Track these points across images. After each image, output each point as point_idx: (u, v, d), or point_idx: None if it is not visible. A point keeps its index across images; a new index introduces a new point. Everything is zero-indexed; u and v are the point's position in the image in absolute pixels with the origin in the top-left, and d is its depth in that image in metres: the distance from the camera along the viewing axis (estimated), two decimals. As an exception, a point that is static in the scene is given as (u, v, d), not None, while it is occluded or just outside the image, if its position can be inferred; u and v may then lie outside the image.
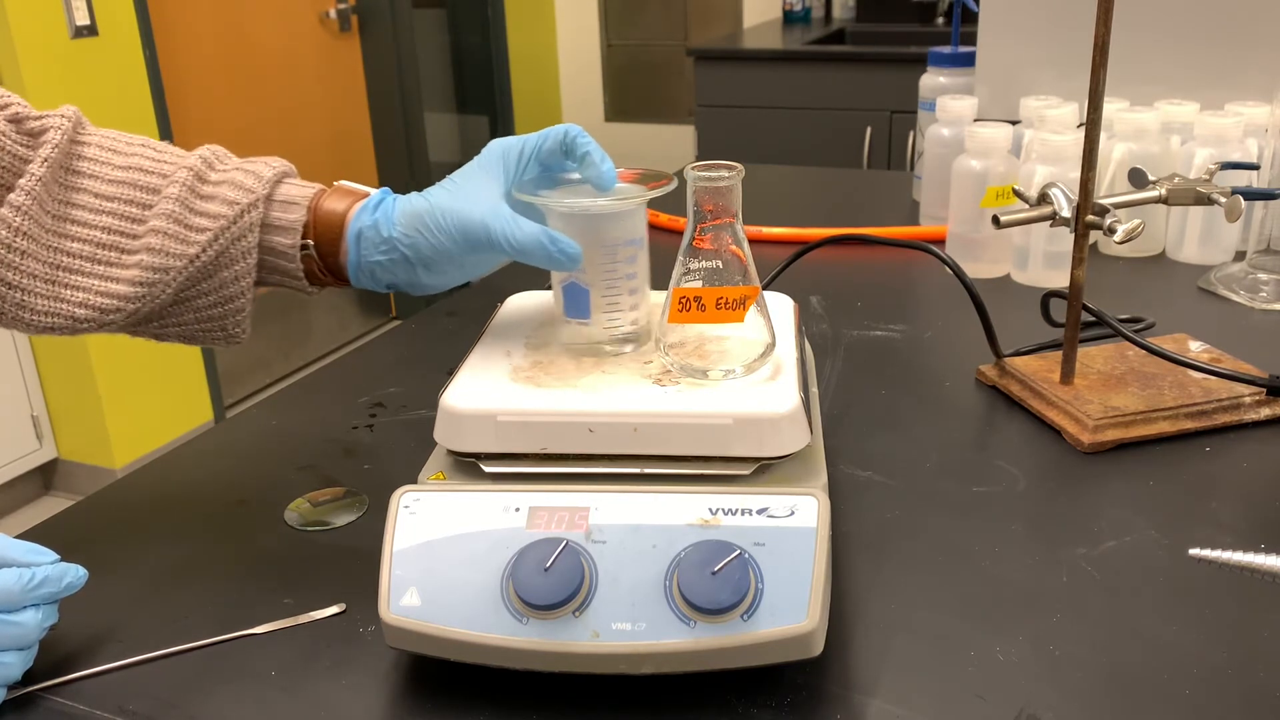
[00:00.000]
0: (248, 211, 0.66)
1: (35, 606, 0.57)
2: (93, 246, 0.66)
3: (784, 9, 3.69)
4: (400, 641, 0.55)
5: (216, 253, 0.66)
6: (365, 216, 0.67)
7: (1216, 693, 0.55)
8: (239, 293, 0.68)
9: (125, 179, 0.67)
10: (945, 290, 1.10)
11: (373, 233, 0.67)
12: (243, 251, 0.66)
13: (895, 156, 2.98)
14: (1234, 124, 1.12)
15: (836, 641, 0.59)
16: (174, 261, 0.65)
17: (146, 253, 0.65)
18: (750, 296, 0.62)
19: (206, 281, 0.67)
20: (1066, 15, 1.35)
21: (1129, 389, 0.83)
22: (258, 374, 3.21)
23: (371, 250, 0.67)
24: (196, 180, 0.67)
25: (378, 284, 0.69)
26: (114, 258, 0.66)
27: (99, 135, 0.69)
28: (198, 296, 0.68)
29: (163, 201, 0.66)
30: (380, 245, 0.67)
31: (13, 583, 0.56)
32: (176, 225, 0.65)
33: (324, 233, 0.68)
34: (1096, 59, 0.76)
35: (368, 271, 0.68)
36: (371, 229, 0.67)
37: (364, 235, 0.67)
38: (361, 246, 0.68)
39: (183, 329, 0.70)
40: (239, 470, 0.81)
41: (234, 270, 0.67)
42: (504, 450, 0.60)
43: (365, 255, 0.68)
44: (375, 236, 0.67)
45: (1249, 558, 0.51)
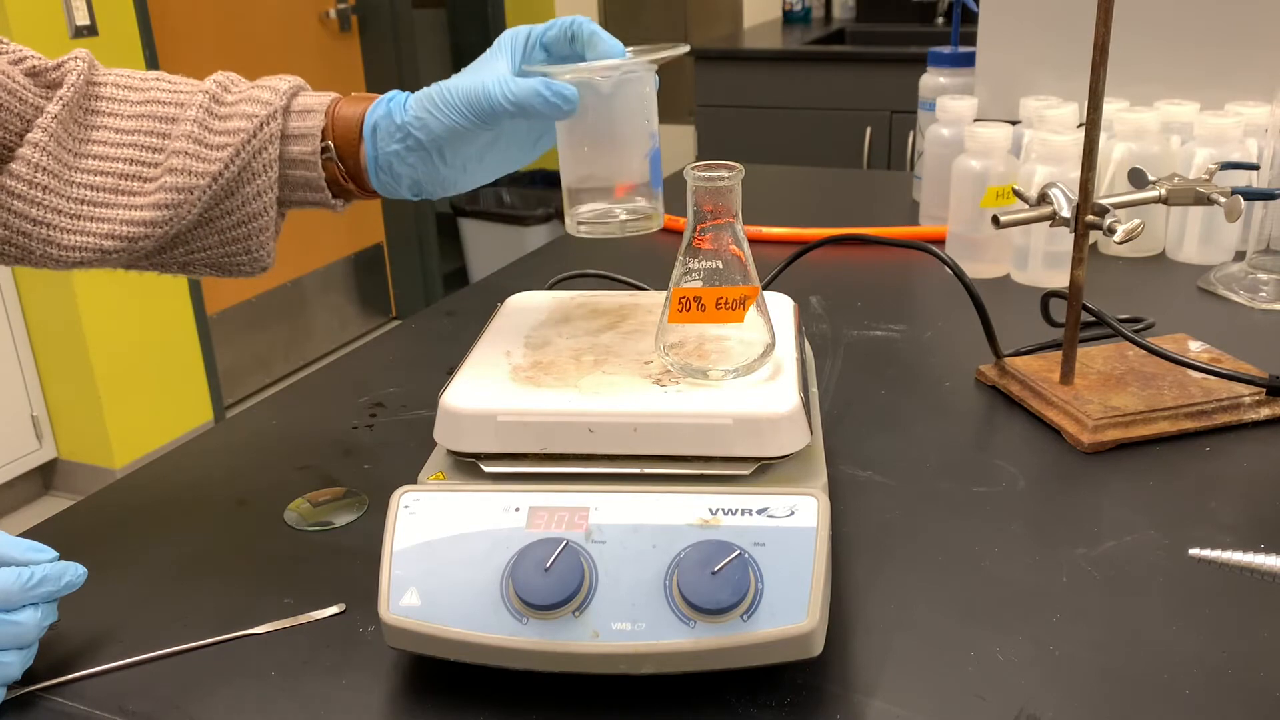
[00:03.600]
0: (266, 124, 0.66)
1: (34, 605, 0.56)
2: (115, 178, 0.67)
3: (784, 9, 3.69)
4: (400, 641, 0.55)
5: (239, 168, 0.66)
6: (379, 109, 0.68)
7: (1216, 693, 0.55)
8: (262, 209, 0.68)
9: (143, 112, 0.68)
10: (945, 290, 1.10)
11: (386, 122, 0.67)
12: (264, 164, 0.67)
13: (895, 156, 2.98)
14: (1234, 124, 1.12)
15: (836, 641, 0.59)
16: (197, 180, 0.66)
17: (169, 174, 0.66)
18: (750, 296, 0.62)
19: (229, 199, 0.67)
20: (1066, 15, 1.35)
21: (1129, 389, 0.83)
22: (258, 374, 3.21)
23: (387, 140, 0.67)
24: (213, 103, 0.67)
25: (398, 183, 0.68)
26: (137, 186, 0.67)
27: (114, 74, 0.70)
28: (221, 216, 0.68)
29: (181, 125, 0.67)
30: (395, 134, 0.67)
31: (11, 581, 0.55)
32: (197, 145, 0.66)
33: (342, 134, 0.68)
34: (1096, 59, 0.76)
35: (386, 166, 0.68)
36: (386, 118, 0.67)
37: (379, 127, 0.67)
38: (378, 139, 0.67)
39: (208, 254, 0.70)
40: (239, 470, 0.81)
41: (256, 185, 0.67)
42: (504, 450, 0.60)
43: (382, 147, 0.67)
44: (389, 125, 0.67)
45: (1249, 558, 0.51)
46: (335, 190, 0.70)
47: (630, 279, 1.03)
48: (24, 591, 0.56)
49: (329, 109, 0.68)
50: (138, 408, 2.67)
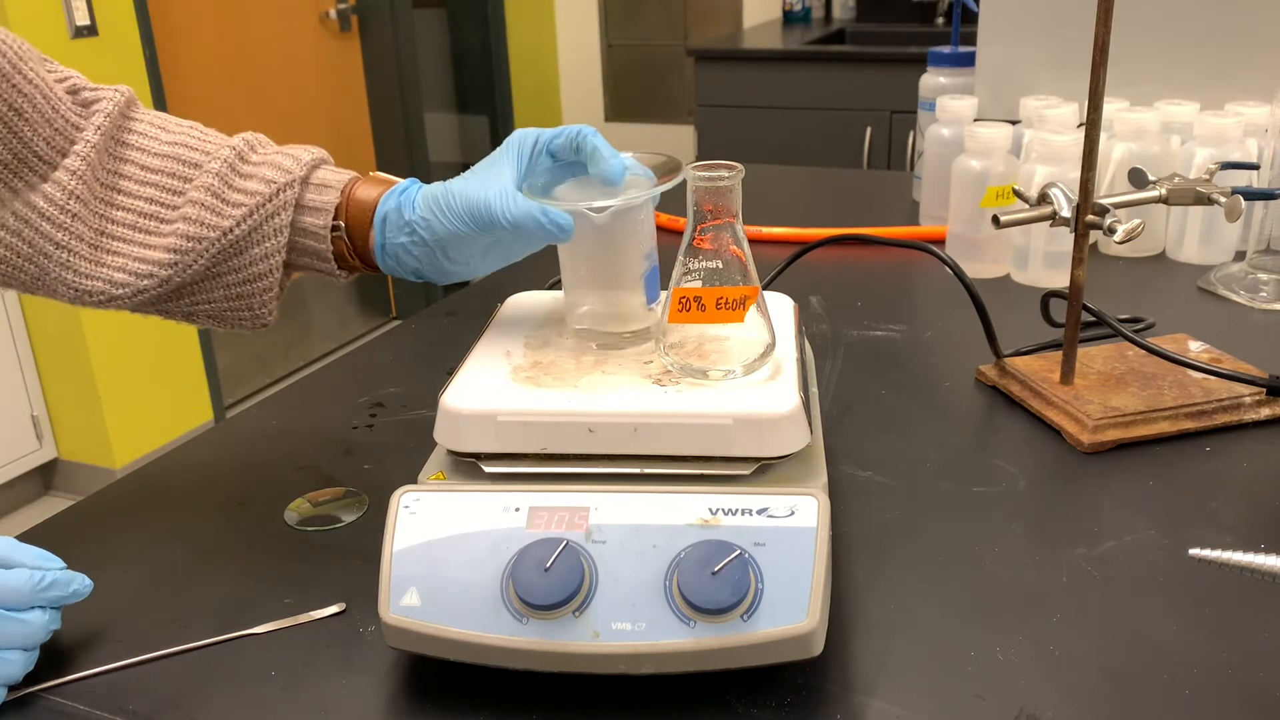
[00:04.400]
0: (283, 190, 0.69)
1: (42, 609, 0.57)
2: (135, 215, 0.69)
3: (784, 9, 3.69)
4: (400, 641, 0.55)
5: (250, 228, 0.68)
6: (391, 200, 0.70)
7: (1216, 693, 0.55)
8: (268, 270, 0.70)
9: (170, 153, 0.70)
10: (945, 290, 1.10)
11: (396, 215, 0.69)
12: (275, 229, 0.69)
13: (895, 156, 2.98)
14: (1234, 124, 1.12)
15: (836, 641, 0.59)
16: (208, 233, 0.68)
17: (183, 222, 0.68)
18: (750, 296, 0.62)
19: (237, 258, 0.69)
20: (1066, 15, 1.35)
21: (1129, 389, 0.83)
22: (258, 374, 3.21)
23: (396, 233, 0.69)
24: (238, 159, 0.70)
25: (404, 269, 0.71)
26: (153, 226, 0.69)
27: (149, 114, 0.73)
28: (228, 273, 0.70)
29: (203, 176, 0.69)
30: (403, 228, 0.69)
31: (23, 582, 0.56)
32: (214, 199, 0.68)
33: (355, 216, 0.70)
34: (1096, 59, 0.76)
35: (393, 254, 0.70)
36: (395, 212, 0.69)
37: (389, 218, 0.69)
38: (386, 229, 0.70)
39: (212, 307, 0.72)
40: (239, 470, 0.81)
41: (264, 247, 0.69)
42: (504, 450, 0.60)
43: (390, 238, 0.70)
44: (398, 219, 0.69)
45: (1249, 558, 0.51)
46: (341, 263, 0.72)
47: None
48: (34, 593, 0.56)
49: (345, 188, 0.71)
50: (138, 408, 2.67)
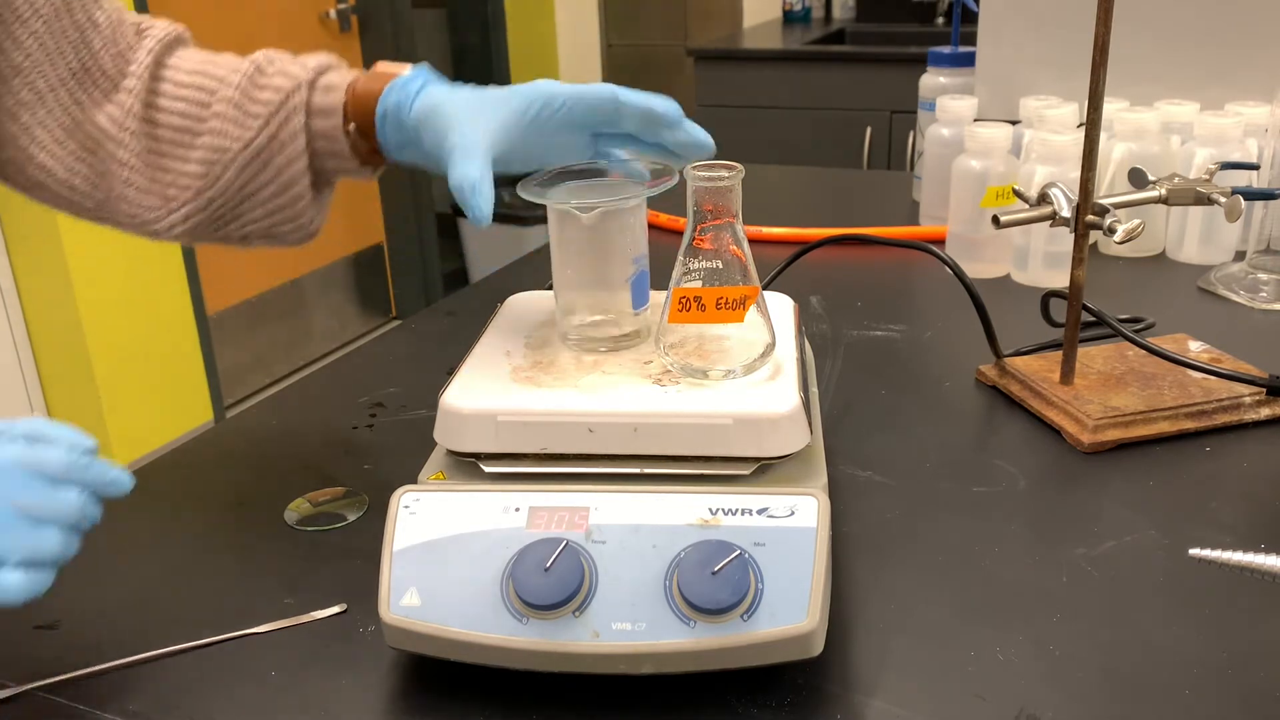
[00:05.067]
0: (291, 96, 0.71)
1: (79, 489, 0.55)
2: (171, 131, 0.73)
3: (784, 9, 3.69)
4: (400, 641, 0.55)
5: (268, 138, 0.71)
6: (391, 97, 0.70)
7: (1216, 693, 0.55)
8: (295, 178, 0.72)
9: (199, 69, 0.74)
10: (945, 290, 1.10)
11: (394, 115, 0.70)
12: (290, 134, 0.71)
13: (895, 156, 2.98)
14: (1234, 124, 1.11)
15: (836, 641, 0.59)
16: (231, 144, 0.71)
17: (210, 135, 0.72)
18: (750, 296, 0.62)
19: (264, 170, 0.72)
20: (1066, 15, 1.35)
21: (1129, 389, 0.83)
22: (258, 374, 3.21)
23: (394, 132, 0.70)
24: (256, 73, 0.72)
25: (410, 162, 0.72)
26: (186, 140, 0.73)
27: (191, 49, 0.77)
28: (260, 189, 0.72)
29: (224, 89, 0.72)
30: (400, 128, 0.70)
31: (61, 456, 0.55)
32: (236, 111, 0.71)
33: (360, 115, 0.71)
34: (1096, 59, 0.76)
35: (395, 150, 0.72)
36: (394, 110, 0.70)
37: (388, 117, 0.70)
38: (387, 128, 0.71)
39: (258, 225, 0.75)
40: (239, 470, 0.81)
41: (286, 155, 0.71)
42: (504, 450, 0.60)
43: (390, 136, 0.71)
44: (396, 119, 0.70)
45: (1249, 558, 0.51)
46: (364, 160, 0.73)
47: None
48: (70, 469, 0.55)
49: (349, 88, 0.72)
50: (138, 408, 2.67)
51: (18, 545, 0.53)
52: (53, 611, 0.64)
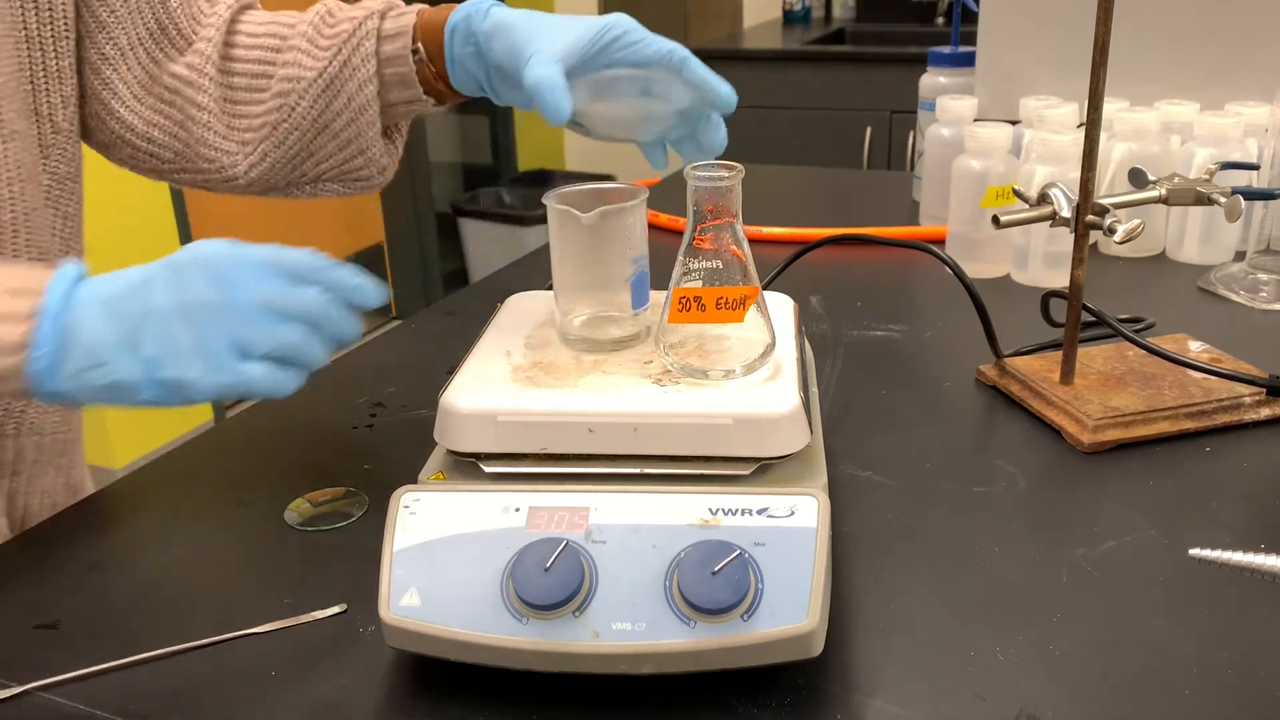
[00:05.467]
0: (364, 23, 0.76)
1: (321, 288, 0.57)
2: (247, 78, 0.78)
3: (784, 9, 3.69)
4: (400, 641, 0.55)
5: (340, 64, 0.75)
6: (460, 13, 0.75)
7: (1216, 693, 0.55)
8: (366, 103, 0.76)
9: (271, 19, 0.80)
10: (945, 290, 1.10)
11: (464, 26, 0.74)
12: (362, 59, 0.75)
13: (895, 156, 2.97)
14: (1234, 124, 1.11)
15: (836, 641, 0.59)
16: (305, 73, 0.76)
17: (284, 67, 0.77)
18: (750, 296, 0.62)
19: (336, 100, 0.76)
20: (1066, 15, 1.35)
21: (1129, 389, 0.83)
22: (258, 374, 3.21)
23: (463, 44, 0.74)
24: (327, 14, 0.78)
25: (471, 82, 0.76)
26: (262, 84, 0.78)
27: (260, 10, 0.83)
28: (333, 119, 0.77)
29: (300, 26, 0.78)
30: (470, 38, 0.74)
31: (303, 257, 0.57)
32: (309, 44, 0.76)
33: (429, 36, 0.76)
34: (1096, 59, 0.76)
35: (460, 65, 0.75)
36: (464, 22, 0.74)
37: (457, 29, 0.75)
38: (455, 41, 0.75)
39: (330, 164, 0.79)
40: (239, 470, 0.81)
41: (357, 79, 0.75)
42: (504, 450, 0.60)
43: (458, 49, 0.75)
44: (466, 29, 0.74)
45: (1249, 558, 0.51)
46: (427, 88, 0.77)
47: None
48: (313, 269, 0.57)
49: (420, 13, 0.77)
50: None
51: (262, 338, 0.56)
52: (53, 611, 0.64)
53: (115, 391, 0.55)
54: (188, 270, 0.56)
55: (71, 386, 0.55)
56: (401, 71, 0.76)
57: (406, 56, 0.75)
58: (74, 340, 0.54)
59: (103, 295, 0.56)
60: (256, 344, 0.55)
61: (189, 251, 0.56)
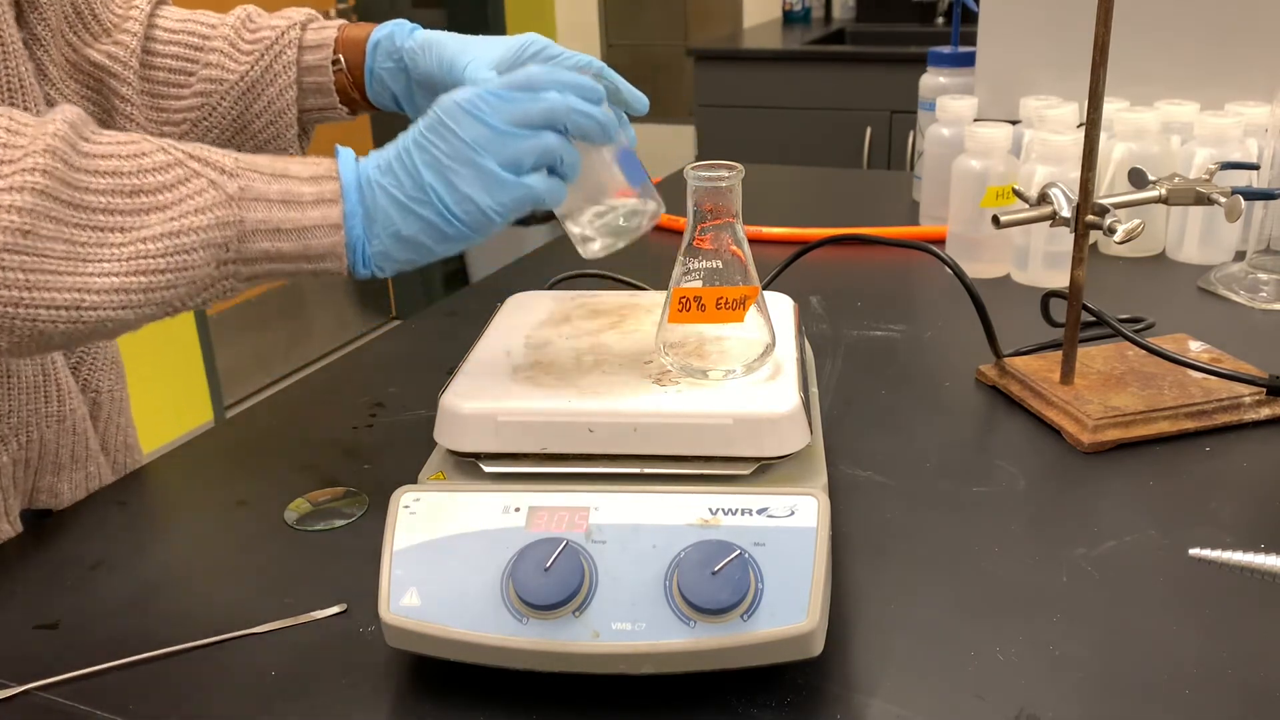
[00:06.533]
0: (287, 32, 0.80)
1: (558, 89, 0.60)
2: (166, 72, 0.80)
3: (784, 9, 3.69)
4: (400, 641, 0.55)
5: (262, 69, 0.79)
6: (384, 29, 0.80)
7: (1216, 693, 0.55)
8: (285, 108, 0.80)
9: (190, 17, 0.82)
10: (945, 290, 1.10)
11: (388, 42, 0.79)
12: (284, 66, 0.79)
13: (895, 156, 2.98)
14: (1234, 124, 1.11)
15: (836, 641, 0.59)
16: (228, 75, 0.79)
17: (206, 68, 0.80)
18: (750, 296, 0.62)
19: (256, 102, 0.80)
20: (1066, 15, 1.35)
21: (1129, 389, 0.83)
22: (258, 374, 3.21)
23: (385, 58, 0.79)
24: (248, 19, 0.81)
25: (387, 96, 0.81)
26: (182, 80, 0.80)
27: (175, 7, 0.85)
28: (252, 121, 0.81)
29: (221, 29, 0.81)
30: (392, 53, 0.79)
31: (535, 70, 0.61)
32: (231, 48, 0.80)
33: (350, 49, 0.80)
34: (1096, 59, 0.76)
35: (379, 79, 0.80)
36: (388, 39, 0.79)
37: (380, 44, 0.79)
38: (377, 54, 0.80)
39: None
40: (239, 470, 0.81)
41: (278, 85, 0.80)
42: (504, 450, 0.60)
43: (379, 63, 0.80)
44: (389, 45, 0.79)
45: (1249, 558, 0.51)
46: (343, 98, 0.81)
47: (630, 279, 1.03)
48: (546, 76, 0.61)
49: (341, 28, 0.82)
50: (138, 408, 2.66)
51: (526, 151, 0.60)
52: (53, 611, 0.64)
53: (425, 235, 0.60)
54: (444, 118, 0.60)
55: (387, 245, 0.61)
56: (320, 81, 0.80)
57: (326, 67, 0.80)
58: (375, 205, 0.61)
59: (381, 164, 0.61)
60: (523, 158, 0.60)
61: (440, 104, 0.61)
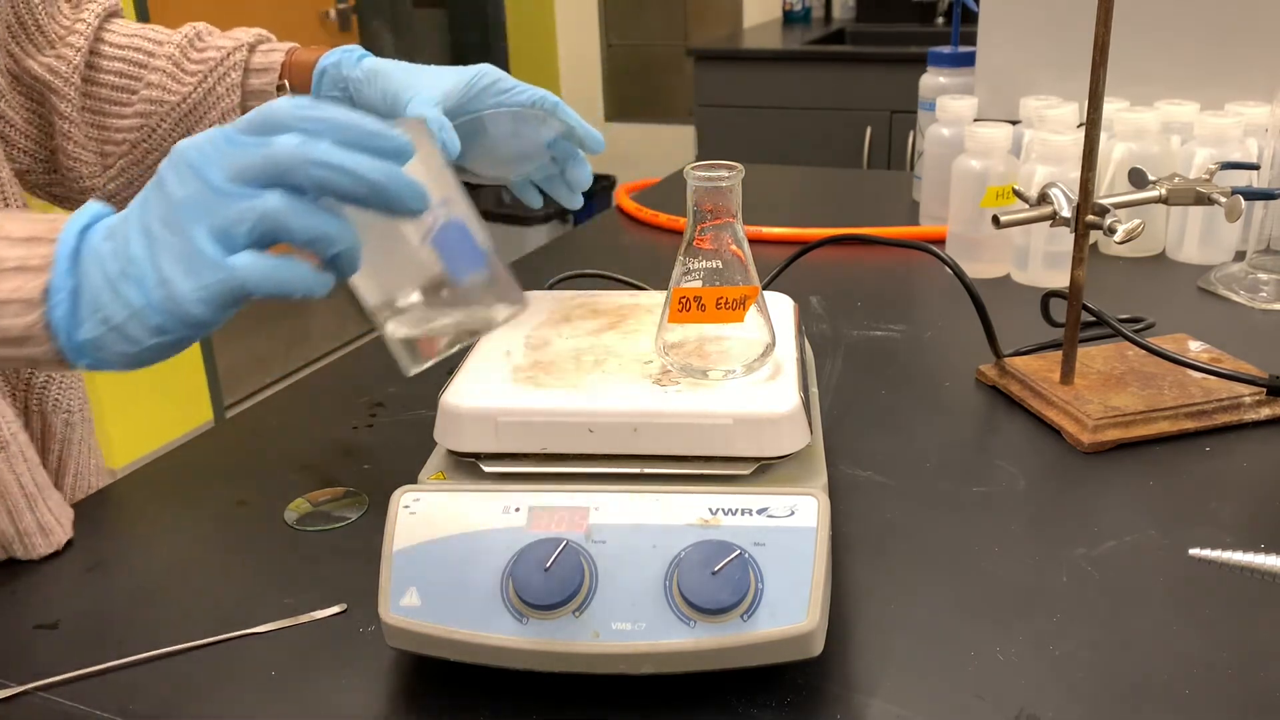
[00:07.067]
0: (232, 54, 0.78)
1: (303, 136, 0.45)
2: (109, 89, 0.78)
3: (784, 9, 3.69)
4: (400, 641, 0.55)
5: (204, 92, 0.78)
6: (332, 57, 0.78)
7: (1216, 693, 0.55)
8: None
9: (137, 33, 0.81)
10: (945, 290, 1.10)
11: (335, 71, 0.78)
12: (227, 89, 0.78)
13: (895, 156, 2.98)
14: (1234, 124, 1.11)
15: (836, 641, 0.59)
16: (169, 97, 0.78)
17: (147, 88, 0.78)
18: (750, 296, 0.62)
19: (198, 126, 0.78)
20: (1066, 15, 1.35)
21: (1129, 389, 0.83)
22: (258, 374, 3.21)
23: (330, 87, 0.78)
24: (195, 37, 0.80)
25: None
26: (124, 98, 0.79)
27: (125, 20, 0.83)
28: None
29: (164, 49, 0.79)
30: (338, 82, 0.77)
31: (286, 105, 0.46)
32: (174, 67, 0.78)
33: (298, 75, 0.79)
34: (1096, 59, 0.76)
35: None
36: (335, 67, 0.78)
37: (327, 73, 0.78)
38: (323, 83, 0.78)
39: None
40: (239, 470, 0.81)
41: (220, 108, 0.78)
42: (504, 450, 0.60)
43: (325, 91, 0.78)
44: (336, 75, 0.77)
45: (1249, 558, 0.51)
46: None
47: (630, 279, 1.03)
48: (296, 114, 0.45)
49: (289, 52, 0.80)
50: (138, 408, 2.67)
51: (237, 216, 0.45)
52: (53, 611, 0.64)
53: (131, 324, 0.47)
54: (165, 169, 0.47)
55: (97, 332, 0.47)
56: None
57: (272, 92, 0.79)
58: (86, 281, 0.47)
59: (109, 225, 0.49)
60: (235, 226, 0.45)
61: (170, 151, 0.47)
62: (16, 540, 0.67)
